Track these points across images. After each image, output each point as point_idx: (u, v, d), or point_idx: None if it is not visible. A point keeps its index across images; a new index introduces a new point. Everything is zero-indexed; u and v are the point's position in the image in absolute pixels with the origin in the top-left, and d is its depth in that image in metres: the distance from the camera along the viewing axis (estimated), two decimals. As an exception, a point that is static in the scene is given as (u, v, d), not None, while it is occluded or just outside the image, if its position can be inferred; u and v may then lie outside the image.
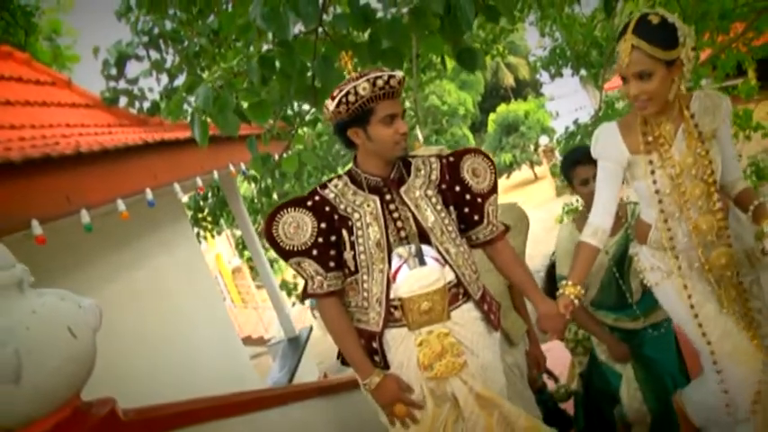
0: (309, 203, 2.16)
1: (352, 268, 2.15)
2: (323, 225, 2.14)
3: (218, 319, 6.89)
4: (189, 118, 3.01)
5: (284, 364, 7.05)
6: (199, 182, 4.48)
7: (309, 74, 2.82)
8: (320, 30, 2.76)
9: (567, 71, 10.63)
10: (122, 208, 3.37)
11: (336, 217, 2.14)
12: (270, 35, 2.77)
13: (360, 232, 2.13)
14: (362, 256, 2.12)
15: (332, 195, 2.17)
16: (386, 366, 2.17)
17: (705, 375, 2.38)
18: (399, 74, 2.06)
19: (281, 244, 2.15)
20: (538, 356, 3.30)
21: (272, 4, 2.49)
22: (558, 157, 17.52)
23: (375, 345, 2.17)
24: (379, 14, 3.05)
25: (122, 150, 3.52)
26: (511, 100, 31.60)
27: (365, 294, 2.15)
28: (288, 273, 10.92)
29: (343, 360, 2.28)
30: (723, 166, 2.20)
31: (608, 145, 2.29)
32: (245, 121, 2.83)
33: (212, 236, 9.63)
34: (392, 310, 2.13)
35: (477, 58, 3.25)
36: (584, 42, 9.53)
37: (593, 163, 2.61)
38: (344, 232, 2.14)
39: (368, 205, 2.15)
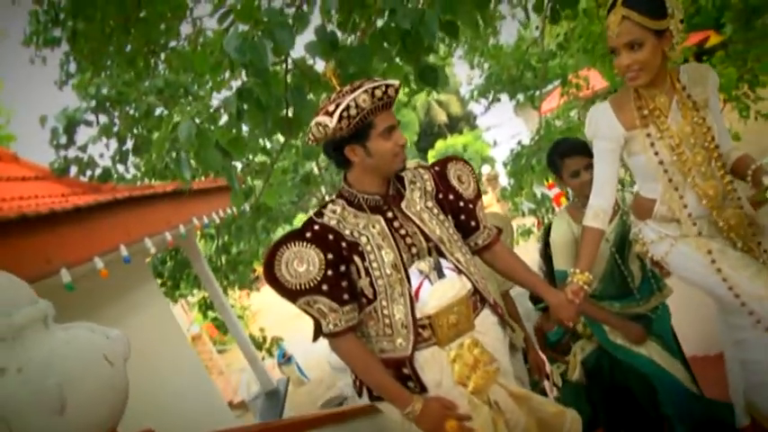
0: (309, 235, 2.00)
1: (370, 296, 2.01)
2: (330, 256, 1.98)
3: (197, 378, 6.68)
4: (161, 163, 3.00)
5: (267, 419, 6.87)
6: (168, 236, 4.41)
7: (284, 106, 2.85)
8: (289, 61, 2.82)
9: (504, 98, 10.99)
10: (100, 266, 3.29)
11: (344, 244, 2.00)
12: (242, 72, 2.81)
13: (372, 256, 2.01)
14: (380, 281, 2.00)
15: (334, 222, 2.03)
16: (422, 390, 2.03)
17: (749, 344, 2.30)
18: (395, 82, 1.97)
19: (286, 285, 1.96)
20: (538, 362, 3.33)
21: (245, 36, 2.53)
22: (501, 183, 17.88)
23: (407, 371, 2.02)
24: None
25: (95, 207, 3.46)
26: (446, 136, 32.29)
27: (387, 321, 2.01)
28: (254, 327, 10.70)
29: (371, 395, 2.13)
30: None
31: (602, 124, 2.28)
32: (226, 156, 2.83)
33: (174, 301, 9.40)
34: (420, 330, 2.01)
35: (438, 74, 3.35)
36: (518, 66, 9.89)
37: (582, 154, 2.71)
38: (357, 259, 2.00)
39: (373, 226, 2.04)
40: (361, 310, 2.03)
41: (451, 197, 2.24)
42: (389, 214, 2.08)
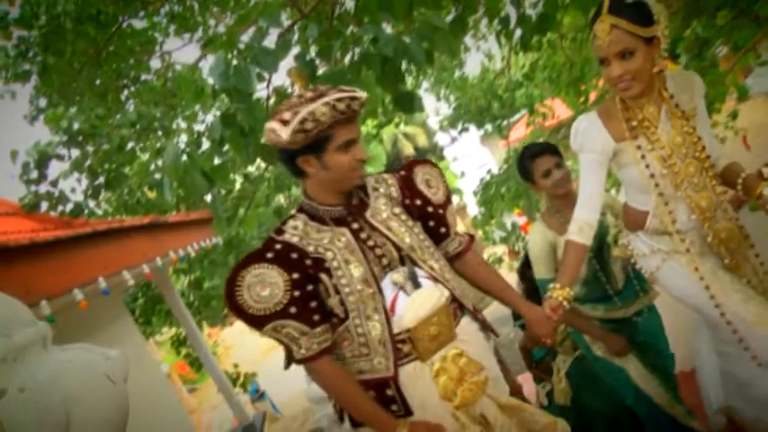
0: (270, 255, 1.85)
1: (342, 315, 1.88)
2: (295, 275, 1.84)
3: (175, 416, 6.54)
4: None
5: (246, 457, 6.72)
6: (146, 269, 4.36)
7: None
8: (270, 89, 2.86)
9: (470, 129, 11.18)
10: (80, 297, 3.24)
11: (309, 262, 1.86)
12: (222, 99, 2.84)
13: (340, 272, 1.87)
14: (351, 298, 1.86)
15: (296, 239, 1.89)
16: (407, 413, 1.88)
17: (731, 358, 2.27)
18: (362, 95, 1.84)
19: (250, 311, 1.81)
20: (515, 389, 3.32)
21: (229, 62, 2.56)
22: (470, 214, 18.04)
23: (390, 392, 1.87)
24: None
25: (74, 239, 3.41)
26: (414, 169, 32.48)
27: (362, 340, 1.88)
28: (228, 363, 10.54)
29: (352, 422, 1.97)
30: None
31: (590, 135, 2.19)
32: (210, 182, 2.82)
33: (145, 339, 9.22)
34: (399, 346, 1.88)
35: (415, 100, 3.43)
36: (485, 97, 10.10)
37: (551, 153, 2.71)
38: (323, 277, 1.86)
39: (339, 240, 1.91)
40: (334, 330, 1.89)
41: (419, 202, 2.12)
42: (355, 225, 1.95)
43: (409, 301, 1.91)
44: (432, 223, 2.13)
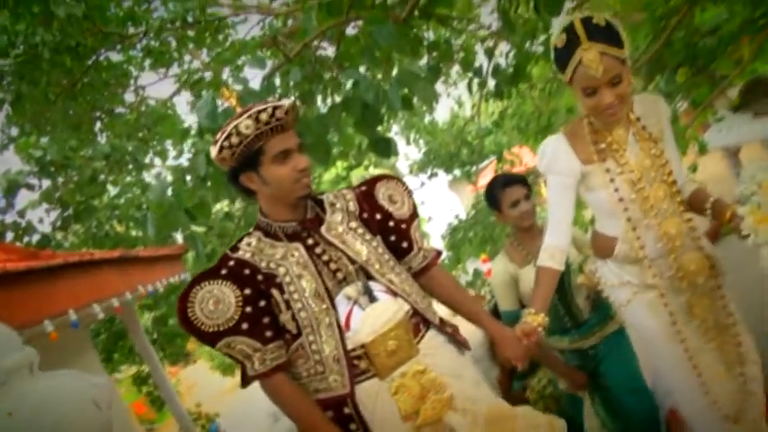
0: (224, 272, 1.85)
1: (294, 331, 1.84)
2: (247, 291, 1.83)
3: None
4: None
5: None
6: (115, 302, 4.32)
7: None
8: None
9: (441, 173, 11.37)
10: (50, 329, 3.20)
11: (260, 278, 1.84)
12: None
13: (291, 287, 1.84)
14: (302, 314, 1.82)
15: (248, 255, 1.87)
16: None
17: (689, 394, 2.16)
18: (285, 103, 1.80)
19: (202, 327, 1.81)
20: None
21: (215, 103, 2.63)
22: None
23: (348, 410, 1.82)
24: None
25: (46, 270, 3.38)
26: (382, 211, 32.62)
27: (317, 357, 1.83)
28: (190, 402, 10.33)
29: None
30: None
31: (558, 157, 2.12)
32: (192, 219, 2.85)
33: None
34: (355, 362, 1.83)
35: (391, 145, 3.54)
36: (455, 143, 10.32)
37: (521, 184, 2.69)
38: (275, 293, 1.84)
39: (291, 255, 1.87)
40: (287, 347, 1.86)
41: (378, 216, 2.07)
42: (310, 241, 1.91)
43: (364, 315, 1.85)
44: (393, 238, 2.08)
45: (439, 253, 2.17)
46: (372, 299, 1.88)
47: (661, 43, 5.08)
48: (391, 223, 2.08)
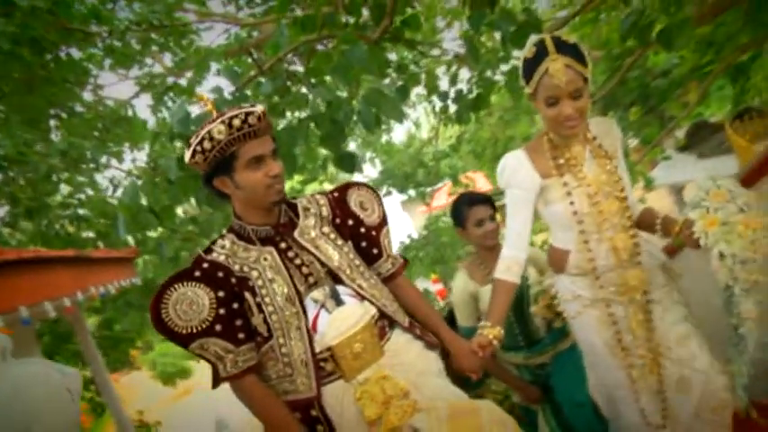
0: (198, 274, 1.88)
1: (265, 333, 1.89)
2: (221, 294, 1.87)
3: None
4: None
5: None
6: (67, 302, 4.26)
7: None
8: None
9: (395, 192, 11.48)
10: (0, 324, 3.16)
11: (234, 281, 1.89)
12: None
13: (264, 291, 1.88)
14: (274, 317, 1.88)
15: (222, 258, 1.91)
16: None
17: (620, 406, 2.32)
18: (258, 109, 1.83)
19: (176, 329, 1.82)
20: None
21: (182, 114, 2.67)
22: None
23: (315, 412, 1.88)
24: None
25: (2, 265, 3.33)
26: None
27: (286, 360, 1.88)
28: (131, 409, 10.10)
29: None
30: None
31: (518, 172, 2.21)
32: (159, 222, 2.87)
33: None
34: (322, 364, 1.88)
35: (355, 161, 3.63)
36: (411, 164, 10.46)
37: (487, 204, 2.77)
38: (247, 295, 1.88)
39: (264, 259, 1.92)
40: (258, 349, 1.91)
41: (351, 222, 2.12)
42: (282, 245, 1.96)
43: (330, 318, 1.90)
44: (364, 244, 2.13)
45: (406, 261, 2.22)
46: (339, 302, 1.93)
47: (616, 81, 5.34)
48: (362, 229, 2.13)
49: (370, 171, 11.88)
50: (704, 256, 1.98)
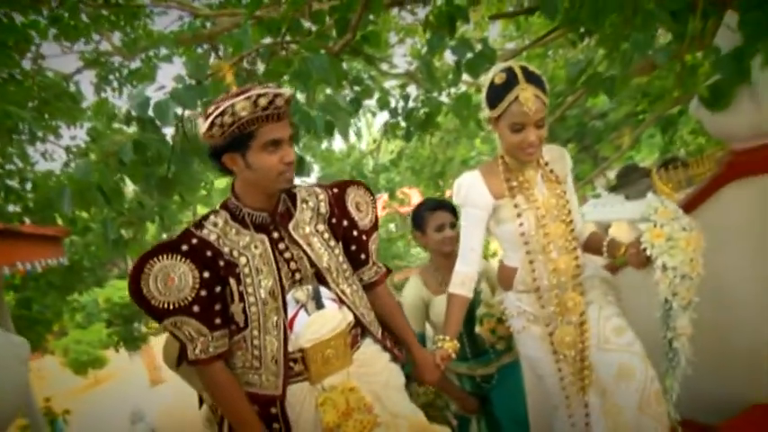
0: (185, 248, 1.80)
1: (242, 323, 1.84)
2: (206, 274, 1.79)
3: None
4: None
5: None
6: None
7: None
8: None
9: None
10: None
11: (222, 263, 1.81)
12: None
13: (249, 280, 1.83)
14: (253, 308, 1.82)
15: (213, 237, 1.83)
16: None
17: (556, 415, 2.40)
18: (287, 92, 1.78)
19: (152, 302, 1.76)
20: None
21: (142, 98, 2.69)
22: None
23: (274, 410, 1.85)
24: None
25: None
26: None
27: (256, 353, 1.84)
28: (38, 396, 9.76)
29: (231, 430, 1.90)
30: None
31: (472, 191, 2.31)
32: (107, 202, 2.86)
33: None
34: (291, 364, 1.85)
35: (305, 164, 3.73)
36: (351, 173, 10.55)
37: (449, 210, 2.82)
38: (232, 281, 1.82)
39: (255, 247, 1.85)
40: (231, 337, 1.85)
41: (345, 223, 2.09)
42: (275, 235, 1.90)
43: (309, 321, 1.87)
44: (353, 247, 2.10)
45: (389, 271, 2.23)
46: (320, 305, 1.90)
47: (556, 117, 5.60)
48: (354, 232, 2.10)
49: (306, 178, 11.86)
50: (646, 273, 2.11)
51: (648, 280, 2.09)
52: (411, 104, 4.82)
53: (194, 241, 1.82)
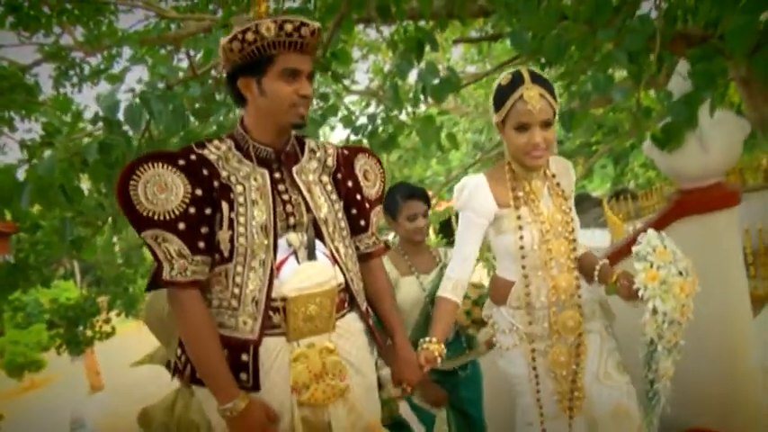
0: (182, 162, 1.71)
1: (226, 254, 1.72)
2: (198, 192, 1.70)
3: None
4: None
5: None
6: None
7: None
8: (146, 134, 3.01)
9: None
10: None
11: (216, 184, 1.72)
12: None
13: (242, 209, 1.73)
14: (241, 240, 1.71)
15: (213, 157, 1.75)
16: (255, 387, 1.72)
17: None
18: (315, 24, 1.72)
19: (137, 207, 1.64)
20: None
21: (112, 101, 2.69)
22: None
23: (246, 358, 1.71)
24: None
25: None
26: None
27: (236, 291, 1.72)
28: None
29: (193, 377, 1.78)
30: None
31: (476, 196, 2.21)
32: (68, 201, 2.82)
33: None
34: (270, 313, 1.73)
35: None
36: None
37: (423, 200, 2.74)
38: (224, 205, 1.72)
39: (255, 179, 1.77)
40: (212, 268, 1.73)
41: (350, 184, 2.00)
42: (277, 174, 1.83)
43: (298, 268, 1.77)
44: (354, 211, 2.01)
45: (387, 246, 2.15)
46: (312, 256, 1.80)
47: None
48: (358, 197, 2.02)
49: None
50: (632, 308, 2.06)
51: (636, 314, 2.04)
52: (374, 123, 4.90)
53: (192, 157, 1.74)
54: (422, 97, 3.73)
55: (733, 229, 2.86)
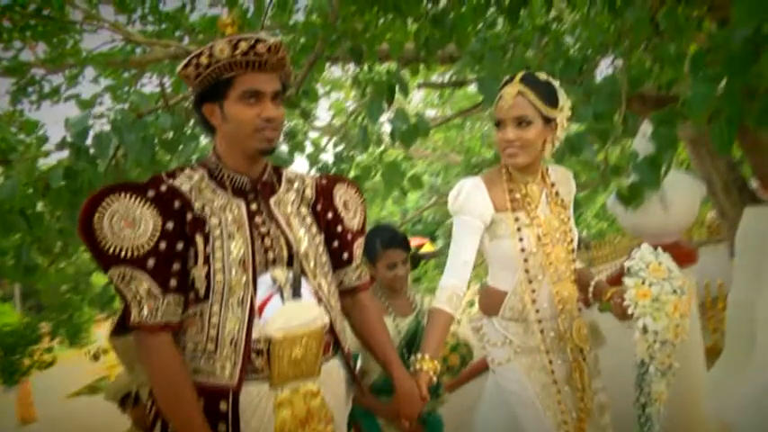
0: (152, 193, 1.57)
1: (201, 293, 1.58)
2: (169, 225, 1.56)
3: None
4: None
5: None
6: None
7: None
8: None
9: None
10: None
11: (189, 217, 1.59)
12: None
13: (218, 243, 1.59)
14: (219, 276, 1.57)
15: (186, 187, 1.62)
16: None
17: None
18: (272, 40, 1.61)
19: (102, 242, 1.49)
20: None
21: (82, 127, 2.64)
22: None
23: (224, 407, 1.56)
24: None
25: None
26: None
27: (213, 332, 1.57)
28: None
29: (163, 427, 1.62)
30: None
31: (473, 198, 2.12)
32: (29, 227, 2.73)
33: None
34: (252, 356, 1.59)
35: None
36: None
37: (403, 248, 2.62)
38: (198, 240, 1.58)
39: (230, 210, 1.65)
40: (185, 309, 1.59)
41: (330, 216, 1.90)
42: (254, 206, 1.70)
43: (283, 308, 1.64)
44: (336, 244, 1.90)
45: (373, 279, 2.04)
46: (297, 294, 1.68)
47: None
48: (339, 228, 1.92)
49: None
50: (625, 331, 1.98)
51: (628, 337, 1.96)
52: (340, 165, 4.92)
53: (163, 188, 1.60)
54: (389, 141, 3.79)
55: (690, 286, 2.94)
